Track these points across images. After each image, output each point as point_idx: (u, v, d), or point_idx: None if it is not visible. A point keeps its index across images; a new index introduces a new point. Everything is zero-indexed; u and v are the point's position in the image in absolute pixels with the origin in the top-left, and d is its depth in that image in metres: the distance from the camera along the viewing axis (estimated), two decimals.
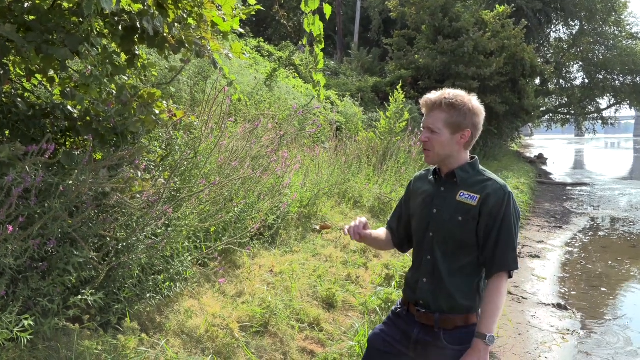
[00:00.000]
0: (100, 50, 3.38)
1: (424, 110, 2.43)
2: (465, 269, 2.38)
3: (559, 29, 39.64)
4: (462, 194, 2.36)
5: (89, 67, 3.31)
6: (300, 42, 19.87)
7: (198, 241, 4.38)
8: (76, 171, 3.09)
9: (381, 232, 2.72)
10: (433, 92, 2.43)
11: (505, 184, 2.38)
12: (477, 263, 2.39)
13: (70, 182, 3.06)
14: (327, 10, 4.31)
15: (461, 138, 2.37)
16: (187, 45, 3.58)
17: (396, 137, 10.45)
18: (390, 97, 11.33)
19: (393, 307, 2.65)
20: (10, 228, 2.52)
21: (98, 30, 3.39)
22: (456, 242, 2.37)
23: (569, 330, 5.81)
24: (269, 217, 5.42)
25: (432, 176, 2.52)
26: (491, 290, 2.33)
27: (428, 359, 2.43)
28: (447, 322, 2.39)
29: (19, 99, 3.44)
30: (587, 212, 14.18)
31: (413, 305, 2.48)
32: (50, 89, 3.77)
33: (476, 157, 2.48)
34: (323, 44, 4.76)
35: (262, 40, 18.15)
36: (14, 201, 2.62)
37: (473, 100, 2.39)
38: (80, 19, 3.28)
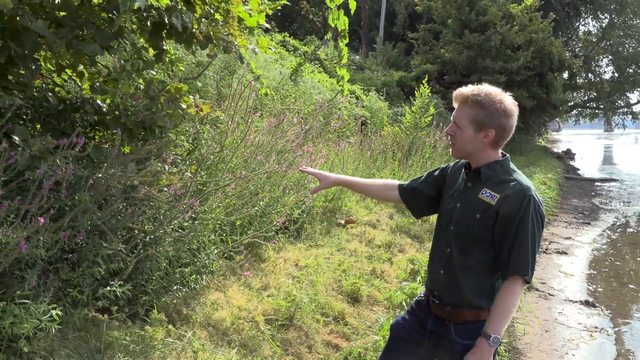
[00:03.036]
0: (129, 45, 3.43)
1: (455, 104, 2.40)
2: (478, 267, 2.36)
3: (588, 22, 39.30)
4: (484, 192, 2.33)
5: (122, 62, 3.36)
6: (325, 37, 19.85)
7: (224, 234, 4.41)
8: (105, 164, 3.14)
9: (370, 181, 2.92)
10: (469, 85, 2.37)
11: (529, 186, 2.29)
12: (492, 263, 2.34)
13: (100, 175, 3.11)
14: (352, 5, 4.30)
15: (485, 137, 2.32)
16: (214, 41, 3.60)
17: (421, 131, 10.41)
18: (415, 92, 11.29)
19: (416, 297, 2.68)
20: (42, 220, 2.57)
21: (128, 26, 3.43)
22: (472, 239, 2.36)
23: (597, 327, 5.73)
24: (294, 211, 5.44)
25: (464, 170, 2.49)
26: (503, 292, 2.28)
27: (439, 351, 2.46)
28: (456, 316, 2.40)
29: (50, 94, 3.50)
30: (616, 209, 13.95)
31: (431, 296, 2.52)
32: (79, 84, 3.82)
33: (507, 155, 2.42)
34: (347, 38, 4.76)
35: (288, 35, 18.18)
36: (45, 193, 2.67)
37: (505, 101, 2.30)
38: (110, 15, 3.32)
